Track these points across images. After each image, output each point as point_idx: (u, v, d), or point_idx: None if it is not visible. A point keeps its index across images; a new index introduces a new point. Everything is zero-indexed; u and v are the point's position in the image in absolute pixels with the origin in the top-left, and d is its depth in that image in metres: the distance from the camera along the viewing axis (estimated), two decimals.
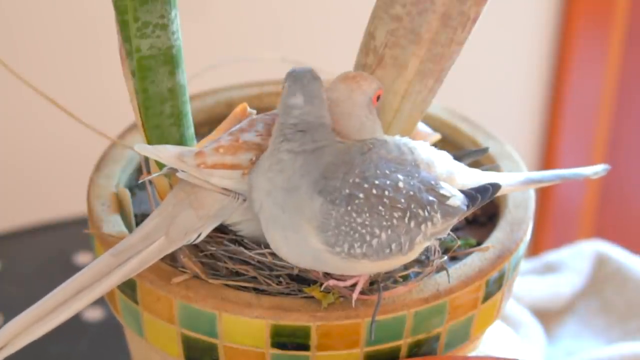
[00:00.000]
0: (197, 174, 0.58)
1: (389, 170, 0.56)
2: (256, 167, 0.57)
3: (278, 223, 0.56)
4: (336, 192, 0.55)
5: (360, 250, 0.56)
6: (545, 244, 1.45)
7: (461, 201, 0.58)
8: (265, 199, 0.56)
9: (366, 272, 0.58)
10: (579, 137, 1.44)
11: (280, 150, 0.56)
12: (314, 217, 0.55)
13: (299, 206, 0.55)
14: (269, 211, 0.56)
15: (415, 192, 0.56)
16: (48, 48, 1.13)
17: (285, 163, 0.55)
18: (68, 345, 0.83)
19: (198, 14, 1.16)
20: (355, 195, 0.55)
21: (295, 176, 0.55)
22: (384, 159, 0.57)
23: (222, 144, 0.59)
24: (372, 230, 0.55)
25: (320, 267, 0.57)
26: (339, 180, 0.55)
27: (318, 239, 0.55)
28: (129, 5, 0.58)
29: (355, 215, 0.55)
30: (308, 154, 0.55)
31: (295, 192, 0.55)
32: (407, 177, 0.56)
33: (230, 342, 0.59)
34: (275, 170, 0.56)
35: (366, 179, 0.55)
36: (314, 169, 0.55)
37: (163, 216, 0.59)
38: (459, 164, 0.61)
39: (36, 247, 0.97)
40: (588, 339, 0.85)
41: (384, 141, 0.58)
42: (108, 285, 0.58)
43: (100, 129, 0.64)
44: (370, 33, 0.62)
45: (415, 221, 0.56)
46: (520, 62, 1.39)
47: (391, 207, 0.55)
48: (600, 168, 0.64)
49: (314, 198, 0.55)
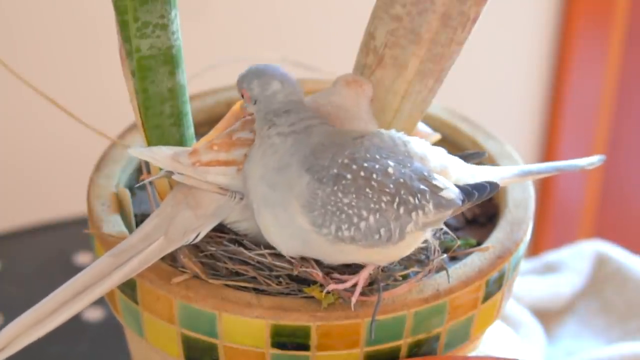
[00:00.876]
0: (192, 173, 0.58)
1: (379, 155, 0.56)
2: (249, 158, 0.58)
3: (269, 202, 0.56)
4: (324, 171, 0.55)
5: (349, 233, 0.55)
6: (545, 244, 1.45)
7: (456, 195, 0.58)
8: (259, 183, 0.56)
9: (356, 260, 0.58)
10: (579, 137, 1.44)
11: (271, 136, 0.57)
12: (301, 195, 0.55)
13: (289, 183, 0.56)
14: (261, 193, 0.56)
15: (405, 180, 0.56)
16: (48, 48, 1.13)
17: (277, 146, 0.56)
18: (68, 346, 0.83)
19: (198, 14, 1.16)
20: (342, 176, 0.55)
21: (286, 155, 0.56)
22: (376, 145, 0.57)
23: (216, 141, 0.59)
24: (360, 212, 0.55)
25: (310, 253, 0.57)
26: (328, 160, 0.56)
27: (305, 219, 0.55)
28: (129, 5, 0.58)
29: (341, 195, 0.55)
30: (298, 134, 0.56)
31: (286, 169, 0.56)
32: (398, 164, 0.56)
33: (230, 342, 0.59)
34: (269, 154, 0.56)
35: (355, 160, 0.56)
36: (305, 146, 0.56)
37: (162, 217, 0.59)
38: (453, 158, 0.60)
39: (36, 247, 0.97)
40: (588, 339, 0.85)
41: (378, 132, 0.58)
42: (108, 285, 0.58)
43: (100, 129, 0.64)
44: (370, 33, 0.62)
45: (405, 207, 0.56)
46: (520, 62, 1.39)
47: (379, 190, 0.55)
48: (595, 159, 0.64)
49: (302, 175, 0.55)
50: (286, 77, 0.58)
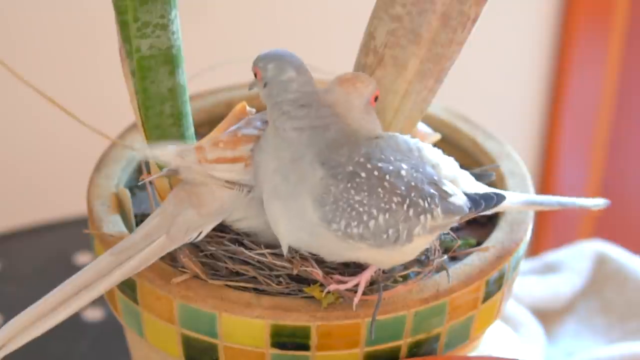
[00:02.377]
0: (199, 169, 0.58)
1: (394, 157, 0.57)
2: (261, 148, 0.57)
3: (280, 192, 0.56)
4: (339, 168, 0.55)
5: (357, 230, 0.56)
6: (545, 244, 1.45)
7: (464, 202, 0.58)
8: (273, 174, 0.56)
9: (362, 258, 0.58)
10: (579, 137, 1.44)
11: (286, 129, 0.56)
12: (314, 189, 0.55)
13: (302, 175, 0.56)
14: (273, 182, 0.56)
15: (417, 183, 0.56)
16: (48, 48, 1.13)
17: (293, 139, 0.56)
18: (68, 345, 0.83)
19: (198, 15, 1.16)
20: (357, 174, 0.55)
21: (302, 147, 0.56)
22: (392, 148, 0.57)
23: (222, 138, 0.59)
24: (370, 210, 0.55)
25: (316, 247, 0.57)
26: (344, 157, 0.56)
27: (316, 213, 0.55)
28: (129, 5, 0.58)
29: (353, 192, 0.55)
30: (314, 129, 0.56)
31: (300, 160, 0.56)
32: (411, 168, 0.57)
33: (230, 342, 0.59)
34: (284, 147, 0.56)
35: (370, 159, 0.56)
36: (320, 140, 0.56)
37: (164, 215, 0.59)
38: (464, 172, 0.61)
39: (36, 247, 0.97)
40: (588, 339, 0.85)
41: (394, 135, 0.58)
42: (109, 283, 0.58)
43: (100, 129, 0.64)
44: (370, 33, 0.62)
45: (414, 210, 0.56)
46: (520, 62, 1.39)
47: (391, 191, 0.56)
48: (601, 201, 0.65)
49: (316, 168, 0.55)
50: (302, 67, 0.57)
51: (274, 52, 0.58)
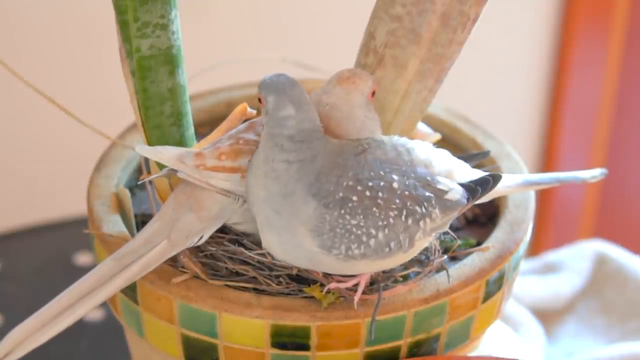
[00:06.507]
0: (196, 174, 0.58)
1: (383, 171, 0.56)
2: (251, 170, 0.57)
3: (274, 226, 0.56)
4: (330, 196, 0.55)
5: (359, 251, 0.56)
6: (545, 244, 1.45)
7: (460, 194, 0.58)
8: (262, 204, 0.56)
9: (367, 270, 0.58)
10: (579, 137, 1.44)
11: (276, 160, 0.55)
12: (308, 221, 0.55)
13: (294, 210, 0.55)
14: (265, 214, 0.56)
15: (410, 191, 0.56)
16: (48, 48, 1.13)
17: (280, 172, 0.55)
18: (68, 345, 0.83)
19: (198, 14, 1.16)
20: (348, 199, 0.55)
21: (291, 181, 0.55)
22: (379, 160, 0.56)
23: (223, 150, 0.58)
24: (368, 231, 0.55)
25: (317, 268, 0.57)
26: (333, 184, 0.55)
27: (314, 242, 0.55)
28: (129, 5, 0.58)
29: (349, 217, 0.55)
30: (302, 161, 0.55)
31: (291, 196, 0.55)
32: (402, 177, 0.56)
33: (230, 342, 0.59)
34: (271, 178, 0.55)
35: (359, 181, 0.55)
36: (309, 172, 0.55)
37: (164, 220, 0.59)
38: (458, 161, 0.60)
39: (36, 247, 0.97)
40: (588, 339, 0.85)
41: (381, 141, 0.57)
42: (111, 290, 0.58)
43: (100, 129, 0.64)
44: (370, 33, 0.62)
45: (412, 218, 0.56)
46: (520, 62, 1.39)
47: (386, 207, 0.55)
48: (597, 172, 0.64)
49: (308, 201, 0.55)
50: (302, 102, 0.55)
51: (276, 81, 0.55)
